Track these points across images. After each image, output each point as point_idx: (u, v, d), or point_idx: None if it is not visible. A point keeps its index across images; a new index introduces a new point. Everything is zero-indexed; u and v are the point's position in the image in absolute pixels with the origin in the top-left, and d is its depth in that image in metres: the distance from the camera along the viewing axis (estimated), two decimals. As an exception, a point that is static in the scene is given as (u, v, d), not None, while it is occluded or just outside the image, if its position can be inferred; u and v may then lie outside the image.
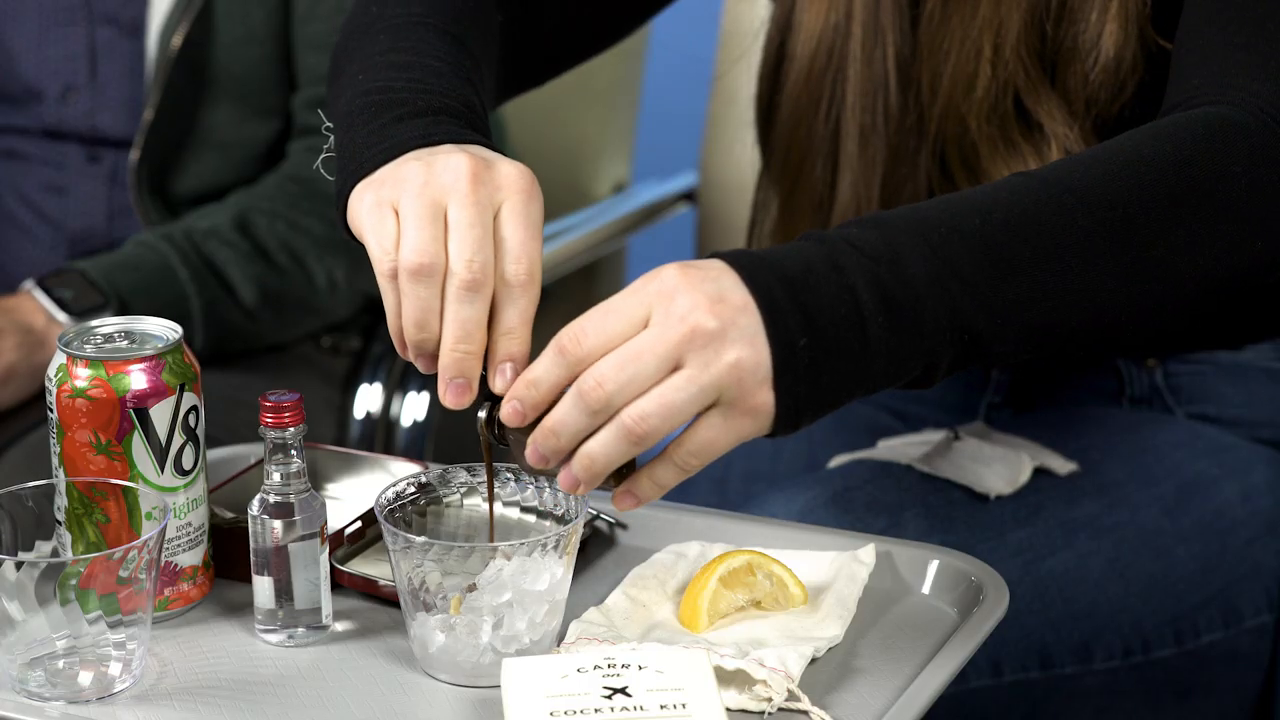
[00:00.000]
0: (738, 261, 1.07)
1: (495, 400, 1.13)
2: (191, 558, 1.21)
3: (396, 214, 1.13)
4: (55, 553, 1.19)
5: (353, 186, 1.18)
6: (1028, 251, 1.10)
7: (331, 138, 1.24)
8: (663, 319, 1.05)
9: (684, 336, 1.05)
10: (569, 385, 1.07)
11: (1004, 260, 1.10)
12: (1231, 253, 1.16)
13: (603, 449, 1.07)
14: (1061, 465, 1.44)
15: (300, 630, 1.18)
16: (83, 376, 1.16)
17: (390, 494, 1.17)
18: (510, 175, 1.14)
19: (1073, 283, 1.12)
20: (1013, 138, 1.39)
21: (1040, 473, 1.44)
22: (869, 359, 1.07)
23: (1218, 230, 1.16)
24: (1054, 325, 1.12)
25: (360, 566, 1.24)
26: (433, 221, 1.12)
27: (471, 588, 1.12)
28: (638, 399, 1.05)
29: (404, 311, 1.12)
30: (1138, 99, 1.37)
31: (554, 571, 1.12)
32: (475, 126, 1.21)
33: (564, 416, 1.07)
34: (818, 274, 1.07)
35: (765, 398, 1.06)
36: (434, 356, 1.13)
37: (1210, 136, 1.18)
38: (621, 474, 1.10)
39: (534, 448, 1.08)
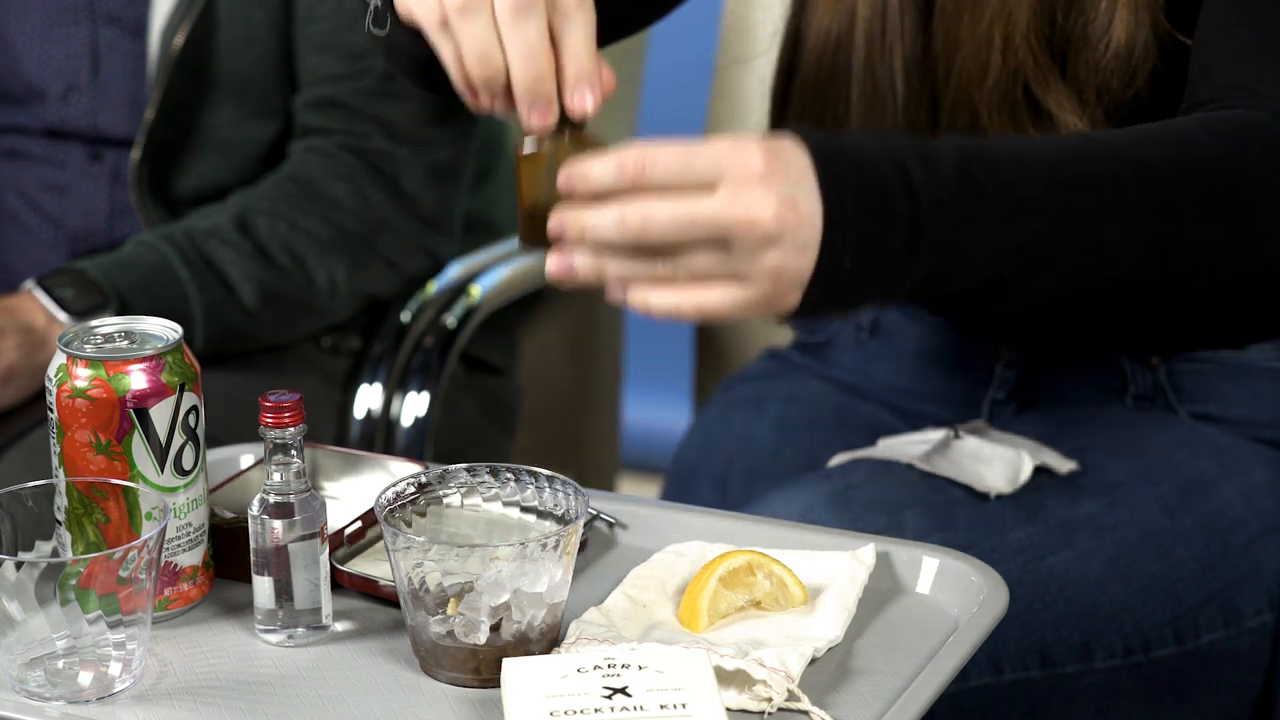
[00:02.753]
0: (823, 159, 1.09)
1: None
2: (191, 558, 1.20)
3: None
4: (55, 553, 1.19)
5: None
6: (1075, 213, 1.14)
7: None
8: (730, 196, 1.07)
9: (740, 222, 1.07)
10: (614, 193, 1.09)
11: (1063, 213, 1.14)
12: (1261, 247, 1.20)
13: (605, 230, 1.08)
14: (1062, 464, 1.44)
15: (300, 630, 1.18)
16: (83, 376, 1.16)
17: (390, 494, 1.17)
18: None
19: (1106, 250, 1.16)
20: (1024, 127, 1.39)
21: (1041, 472, 1.44)
22: (898, 281, 1.11)
23: (1252, 228, 1.19)
24: (1078, 286, 1.16)
25: (360, 566, 1.24)
26: None
27: (470, 588, 1.12)
28: (660, 207, 1.06)
29: (464, 52, 1.12)
30: (1150, 86, 1.37)
31: (553, 572, 1.12)
32: None
33: (599, 222, 1.08)
34: (891, 196, 1.10)
35: (791, 299, 1.09)
36: (507, 92, 1.12)
37: (1258, 141, 1.21)
38: None
39: (556, 220, 1.09)
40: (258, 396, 1.17)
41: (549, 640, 1.14)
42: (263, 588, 1.18)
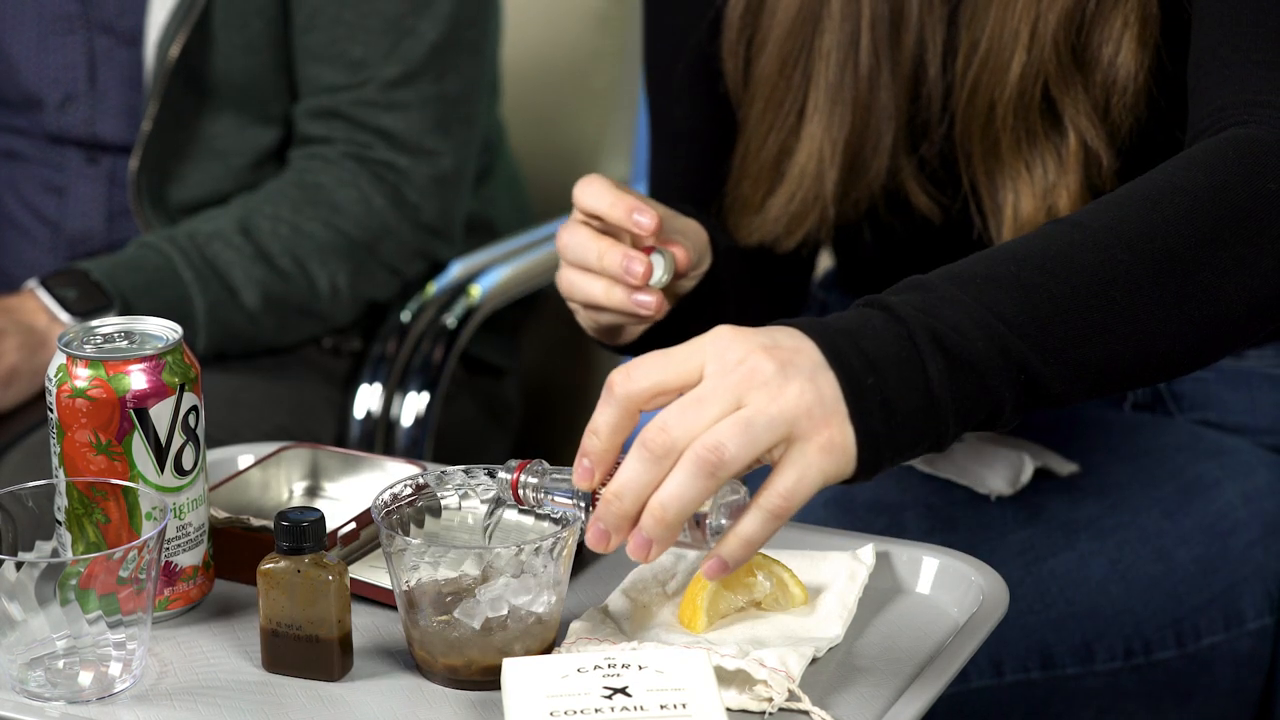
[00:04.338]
0: (789, 322, 1.08)
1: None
2: (191, 558, 1.20)
3: None
4: (55, 553, 1.18)
5: None
6: (1067, 290, 1.11)
7: None
8: (719, 367, 1.05)
9: (743, 378, 1.04)
10: (628, 432, 1.07)
11: (1045, 301, 1.11)
12: (1277, 271, 1.17)
13: (676, 491, 1.04)
14: (1063, 466, 1.44)
15: None
16: (83, 376, 1.16)
17: (387, 495, 1.17)
18: None
19: (1121, 317, 1.12)
20: (1034, 131, 1.38)
21: (1042, 473, 1.44)
22: (935, 399, 1.07)
23: (1261, 250, 1.17)
24: (1107, 361, 1.13)
25: (359, 569, 1.24)
26: None
27: (469, 589, 1.12)
28: (708, 431, 1.04)
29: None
30: (1152, 115, 1.37)
31: (552, 573, 1.12)
32: None
33: (626, 475, 1.05)
34: (873, 325, 1.08)
35: (841, 430, 1.05)
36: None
37: (1243, 158, 1.19)
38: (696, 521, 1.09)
39: (596, 527, 1.06)
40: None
41: (549, 641, 1.14)
42: None
